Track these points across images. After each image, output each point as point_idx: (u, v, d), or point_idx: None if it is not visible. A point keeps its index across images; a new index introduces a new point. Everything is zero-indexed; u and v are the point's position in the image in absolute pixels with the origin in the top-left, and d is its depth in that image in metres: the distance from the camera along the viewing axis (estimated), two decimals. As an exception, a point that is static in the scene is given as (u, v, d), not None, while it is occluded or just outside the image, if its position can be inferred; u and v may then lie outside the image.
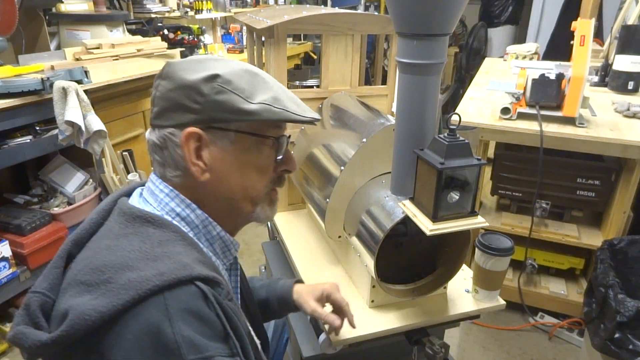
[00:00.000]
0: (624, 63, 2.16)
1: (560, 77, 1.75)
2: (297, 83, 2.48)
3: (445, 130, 0.86)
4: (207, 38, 3.89)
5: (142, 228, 0.64)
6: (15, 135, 1.86)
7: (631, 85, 2.17)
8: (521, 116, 1.83)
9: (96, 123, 1.90)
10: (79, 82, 1.93)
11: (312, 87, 1.71)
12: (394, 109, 1.27)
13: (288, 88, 0.81)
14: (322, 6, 4.20)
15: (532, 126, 1.75)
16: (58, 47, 2.55)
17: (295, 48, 4.17)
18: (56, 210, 2.08)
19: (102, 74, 2.17)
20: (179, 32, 3.36)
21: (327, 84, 1.40)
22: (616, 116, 1.90)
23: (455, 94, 4.84)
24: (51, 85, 1.81)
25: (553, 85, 1.76)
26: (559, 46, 3.38)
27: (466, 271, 1.16)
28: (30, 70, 1.96)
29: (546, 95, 1.77)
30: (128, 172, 2.29)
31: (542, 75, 1.77)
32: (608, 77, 2.30)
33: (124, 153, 2.28)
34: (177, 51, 2.82)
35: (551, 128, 1.74)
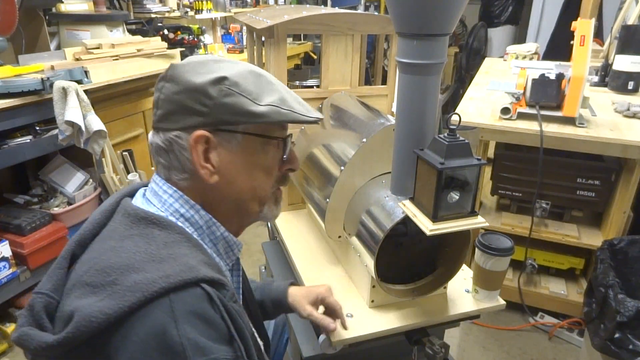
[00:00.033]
0: (624, 63, 2.16)
1: (560, 77, 1.75)
2: (297, 83, 2.48)
3: (445, 130, 0.86)
4: (207, 38, 3.89)
5: (147, 229, 0.64)
6: (15, 135, 1.87)
7: (631, 85, 2.17)
8: (521, 116, 1.83)
9: (96, 123, 1.90)
10: (79, 82, 1.93)
11: (312, 87, 1.71)
12: (394, 109, 1.27)
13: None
14: (322, 6, 4.20)
15: (532, 126, 1.75)
16: (58, 47, 2.55)
17: (295, 48, 4.18)
18: (56, 210, 2.09)
19: (102, 74, 2.17)
20: (179, 32, 3.35)
21: (327, 84, 1.40)
22: (616, 116, 1.90)
23: (455, 94, 4.84)
24: (51, 85, 1.82)
25: (553, 85, 1.76)
26: (559, 46, 3.38)
27: (466, 271, 1.16)
28: (30, 70, 1.96)
29: (546, 95, 1.77)
30: (128, 172, 2.29)
31: (542, 75, 1.77)
32: (608, 77, 2.30)
33: (124, 153, 2.29)
34: (177, 51, 2.82)
35: (551, 128, 1.74)
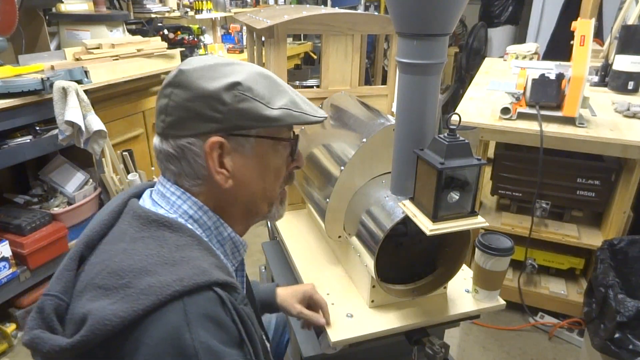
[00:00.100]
0: (624, 63, 2.16)
1: (560, 77, 1.75)
2: (297, 83, 2.49)
3: (445, 130, 0.86)
4: (207, 38, 3.89)
5: (159, 232, 0.64)
6: (15, 135, 1.87)
7: (631, 85, 2.17)
8: (521, 116, 1.83)
9: (96, 123, 1.90)
10: (79, 82, 1.93)
11: (312, 87, 1.71)
12: (394, 109, 1.27)
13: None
14: (322, 6, 4.20)
15: (532, 126, 1.75)
16: (58, 47, 2.54)
17: (295, 48, 4.18)
18: (56, 210, 2.09)
19: (102, 74, 2.17)
20: (179, 32, 3.35)
21: (327, 84, 1.40)
22: (616, 116, 1.90)
23: (455, 94, 4.83)
24: (51, 85, 1.82)
25: (553, 85, 1.75)
26: (559, 46, 3.38)
27: (466, 271, 1.16)
28: (30, 70, 1.96)
29: (546, 95, 1.77)
30: (128, 172, 2.29)
31: (542, 75, 1.77)
32: (608, 77, 2.30)
33: (124, 153, 2.29)
34: (177, 51, 2.81)
35: (551, 128, 1.74)
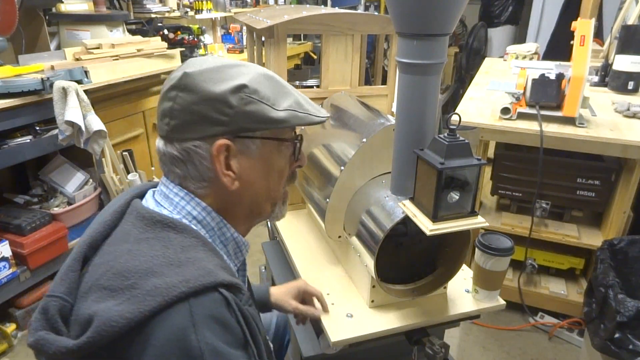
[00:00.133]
0: (624, 63, 2.16)
1: (560, 77, 1.75)
2: (297, 83, 2.49)
3: (445, 130, 0.86)
4: (207, 38, 3.89)
5: (163, 233, 0.64)
6: (15, 135, 1.87)
7: (631, 85, 2.17)
8: (521, 116, 1.82)
9: (96, 123, 1.90)
10: (79, 82, 1.93)
11: (312, 87, 1.71)
12: (394, 109, 1.27)
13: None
14: (322, 6, 4.20)
15: (532, 126, 1.75)
16: (58, 47, 2.54)
17: (295, 48, 4.18)
18: (56, 210, 2.09)
19: (102, 74, 2.17)
20: (179, 32, 3.35)
21: (327, 84, 1.40)
22: (616, 116, 1.90)
23: (455, 94, 4.83)
24: (51, 85, 1.81)
25: (553, 85, 1.75)
26: (559, 46, 3.38)
27: (466, 271, 1.16)
28: (30, 70, 1.96)
29: (546, 95, 1.77)
30: (128, 172, 2.29)
31: (542, 75, 1.77)
32: (608, 77, 2.30)
33: (124, 153, 2.28)
34: (177, 51, 2.81)
35: (551, 128, 1.74)
